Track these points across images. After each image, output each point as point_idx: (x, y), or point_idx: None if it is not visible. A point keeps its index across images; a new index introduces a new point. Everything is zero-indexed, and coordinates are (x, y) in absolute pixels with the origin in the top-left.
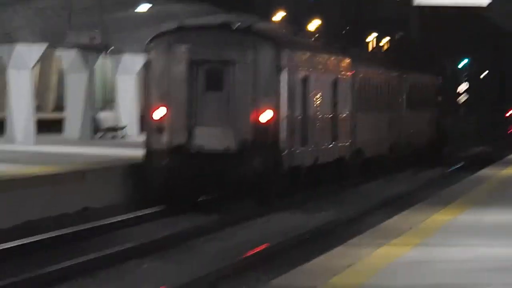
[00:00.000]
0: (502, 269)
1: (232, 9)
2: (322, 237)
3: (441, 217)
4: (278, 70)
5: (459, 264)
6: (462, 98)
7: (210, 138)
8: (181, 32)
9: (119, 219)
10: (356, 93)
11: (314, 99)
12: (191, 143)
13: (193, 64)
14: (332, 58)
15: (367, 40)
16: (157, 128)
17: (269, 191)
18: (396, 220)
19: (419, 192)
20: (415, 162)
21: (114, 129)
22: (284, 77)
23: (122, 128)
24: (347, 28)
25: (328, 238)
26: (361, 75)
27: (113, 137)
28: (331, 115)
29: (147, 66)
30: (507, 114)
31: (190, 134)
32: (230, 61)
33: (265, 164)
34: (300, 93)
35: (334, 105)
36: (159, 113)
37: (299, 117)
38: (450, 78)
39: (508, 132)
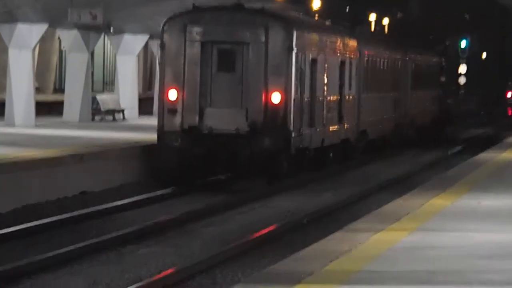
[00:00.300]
0: (500, 255)
1: None
2: (320, 222)
3: (439, 202)
4: (289, 50)
5: (457, 249)
6: (462, 80)
7: (222, 119)
8: (195, 14)
9: (122, 203)
10: (362, 74)
11: (322, 80)
12: (203, 124)
13: (206, 45)
14: (340, 40)
15: (369, 19)
16: (171, 109)
17: (279, 171)
18: (394, 205)
19: (418, 176)
20: (418, 143)
21: (114, 111)
22: (294, 58)
23: (122, 110)
24: (347, 7)
25: (326, 222)
26: (366, 56)
27: (113, 120)
28: (337, 97)
29: (161, 48)
30: (508, 95)
31: (202, 115)
32: (242, 42)
33: (275, 144)
34: (309, 74)
35: (341, 86)
36: (173, 94)
37: (308, 98)
38: (451, 58)
39: (509, 114)
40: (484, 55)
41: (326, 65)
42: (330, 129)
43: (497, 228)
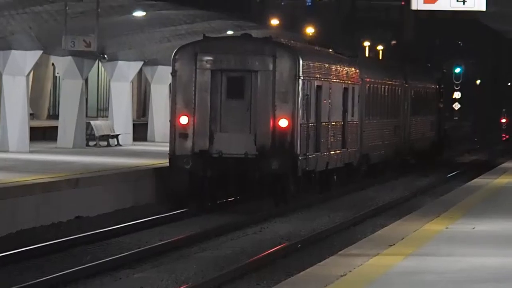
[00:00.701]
0: (495, 280)
1: (228, 15)
2: (314, 246)
3: (434, 227)
4: (296, 78)
5: (453, 274)
6: (457, 105)
7: (231, 143)
8: (205, 43)
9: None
10: (364, 100)
11: (326, 106)
12: (213, 148)
13: (216, 73)
14: (343, 67)
15: (363, 45)
16: (182, 134)
17: (286, 193)
18: (389, 230)
19: (413, 201)
20: (415, 168)
21: (108, 137)
22: (301, 85)
23: (116, 136)
24: (341, 33)
25: (321, 247)
26: (368, 83)
27: (108, 146)
28: (341, 122)
29: (173, 75)
30: (502, 120)
31: (212, 139)
32: (251, 70)
33: (283, 168)
34: (314, 101)
35: (344, 112)
36: (184, 120)
37: (313, 123)
38: (447, 84)
39: (503, 139)
40: (478, 80)
41: (330, 92)
42: (334, 153)
43: (492, 253)
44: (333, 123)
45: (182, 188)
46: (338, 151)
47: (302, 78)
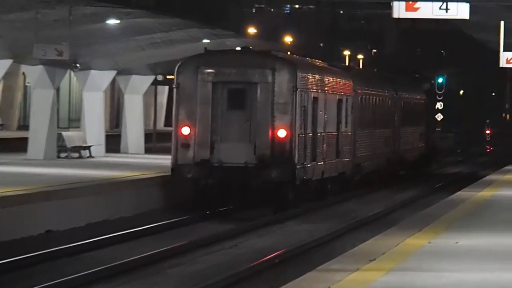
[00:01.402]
0: None
1: (205, 23)
2: (292, 261)
3: (416, 241)
4: (294, 90)
5: None
6: (439, 116)
7: (232, 152)
8: (207, 56)
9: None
10: (356, 111)
11: (322, 117)
12: (214, 157)
13: (217, 85)
14: (337, 79)
15: (344, 53)
16: (184, 144)
17: (285, 201)
18: (370, 244)
19: (394, 214)
20: (404, 179)
21: (80, 148)
22: (298, 97)
23: (89, 147)
24: (322, 42)
25: (300, 262)
26: (361, 94)
27: (79, 157)
28: (335, 133)
29: (175, 87)
30: (486, 132)
31: (213, 149)
32: (250, 82)
33: (281, 176)
34: (311, 112)
35: (338, 123)
36: (186, 130)
37: (310, 134)
38: (431, 95)
39: (487, 151)
40: (462, 90)
41: (325, 103)
42: (329, 163)
43: (474, 268)
44: (328, 133)
45: (184, 196)
46: (333, 161)
47: (300, 90)
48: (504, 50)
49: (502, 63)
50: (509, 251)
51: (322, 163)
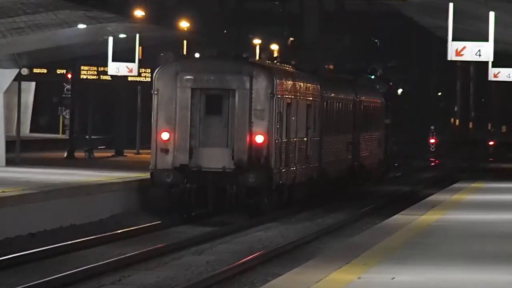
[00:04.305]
0: None
1: (79, 3)
2: None
3: (342, 276)
4: (271, 97)
5: None
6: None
7: (210, 157)
8: (185, 63)
9: None
10: (323, 117)
11: (294, 123)
12: (192, 162)
13: (196, 91)
14: (307, 85)
15: (254, 42)
16: (163, 149)
17: (261, 206)
18: (284, 280)
19: (315, 243)
20: (328, 197)
21: None
22: (275, 103)
23: None
24: (226, 28)
25: None
26: (326, 99)
27: None
28: (305, 138)
29: (154, 93)
30: (431, 141)
31: (191, 154)
32: (229, 89)
33: (258, 181)
34: (285, 118)
35: (307, 128)
36: (165, 135)
37: (284, 139)
38: (390, 97)
39: (431, 164)
40: (400, 90)
41: (297, 109)
42: (300, 168)
43: None
44: (299, 139)
45: (163, 200)
46: (303, 166)
47: (276, 96)
48: (453, 40)
49: (451, 56)
50: None
51: (294, 168)
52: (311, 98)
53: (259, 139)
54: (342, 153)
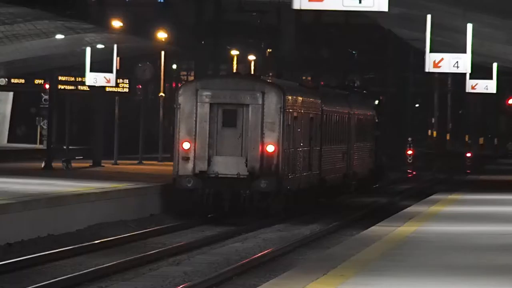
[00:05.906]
0: None
1: (57, 14)
2: None
3: (318, 287)
4: (281, 111)
5: None
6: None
7: (226, 165)
8: (204, 80)
9: None
10: (322, 128)
11: (300, 134)
12: (210, 169)
13: (214, 106)
14: (310, 99)
15: (231, 53)
16: (184, 157)
17: (271, 209)
18: None
19: (291, 254)
20: (302, 208)
21: None
22: (284, 116)
23: None
24: (204, 40)
25: None
26: (325, 112)
27: None
28: (308, 148)
29: (177, 108)
30: (408, 152)
31: (210, 162)
32: (243, 104)
33: (269, 186)
34: (292, 130)
35: (310, 139)
36: (186, 145)
37: (292, 149)
38: (379, 110)
39: (408, 176)
40: (376, 101)
41: (302, 122)
42: (304, 175)
43: None
44: (304, 149)
45: (184, 203)
46: (306, 173)
47: (285, 110)
48: (431, 51)
49: (429, 67)
50: None
51: (299, 175)
52: (313, 112)
53: (270, 148)
54: (338, 162)
